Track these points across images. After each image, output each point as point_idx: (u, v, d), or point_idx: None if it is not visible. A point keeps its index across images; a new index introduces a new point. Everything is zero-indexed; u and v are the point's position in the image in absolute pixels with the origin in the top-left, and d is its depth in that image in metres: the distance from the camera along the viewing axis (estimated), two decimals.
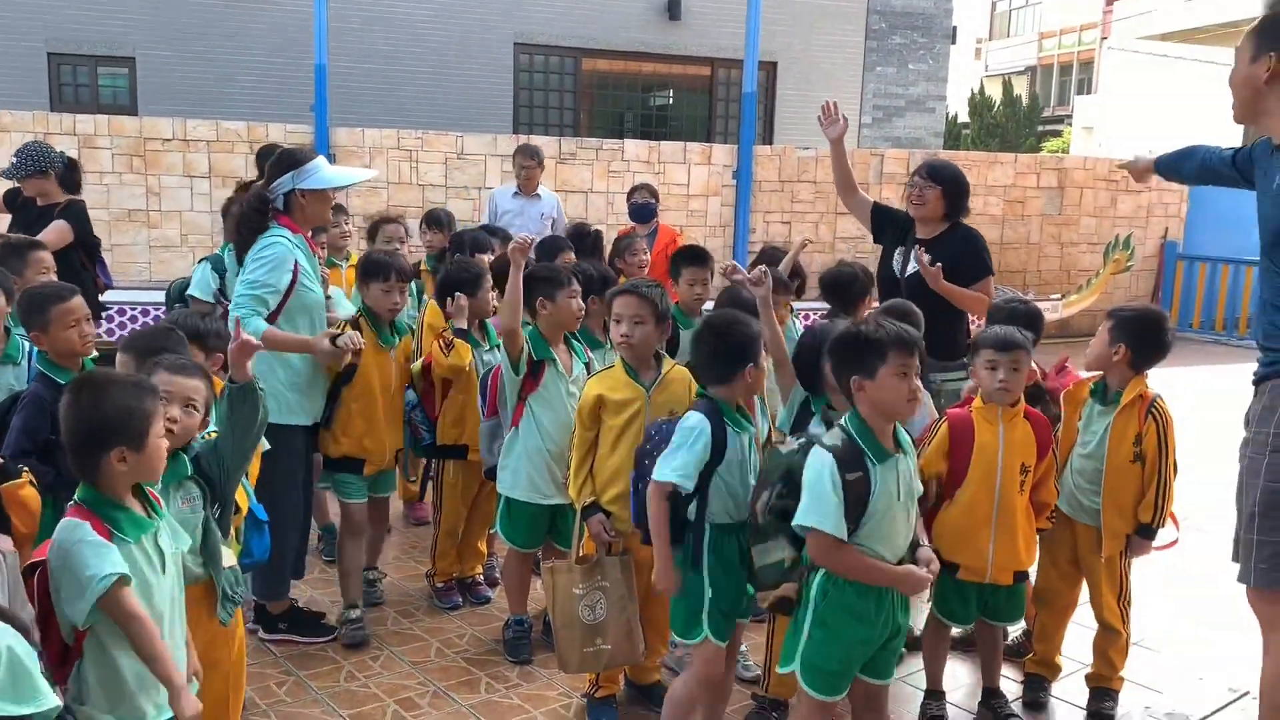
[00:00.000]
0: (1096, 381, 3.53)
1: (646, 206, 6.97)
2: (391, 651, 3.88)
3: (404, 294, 4.03)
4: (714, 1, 13.71)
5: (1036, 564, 3.62)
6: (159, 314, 6.92)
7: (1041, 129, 35.26)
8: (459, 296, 4.17)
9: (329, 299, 4.05)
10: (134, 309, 7.54)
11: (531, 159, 7.26)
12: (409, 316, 4.49)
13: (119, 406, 2.19)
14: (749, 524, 2.81)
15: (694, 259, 4.43)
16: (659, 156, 10.16)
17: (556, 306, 3.69)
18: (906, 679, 3.78)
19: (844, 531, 2.58)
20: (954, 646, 3.79)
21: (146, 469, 2.25)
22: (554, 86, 13.68)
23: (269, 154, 4.02)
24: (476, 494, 4.29)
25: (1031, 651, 3.75)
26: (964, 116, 33.73)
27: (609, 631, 3.25)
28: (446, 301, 4.21)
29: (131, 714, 2.19)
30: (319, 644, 3.90)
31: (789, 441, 2.84)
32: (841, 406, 2.91)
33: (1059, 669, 3.70)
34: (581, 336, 3.93)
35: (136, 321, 7.47)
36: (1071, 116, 37.90)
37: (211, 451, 2.65)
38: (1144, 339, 3.42)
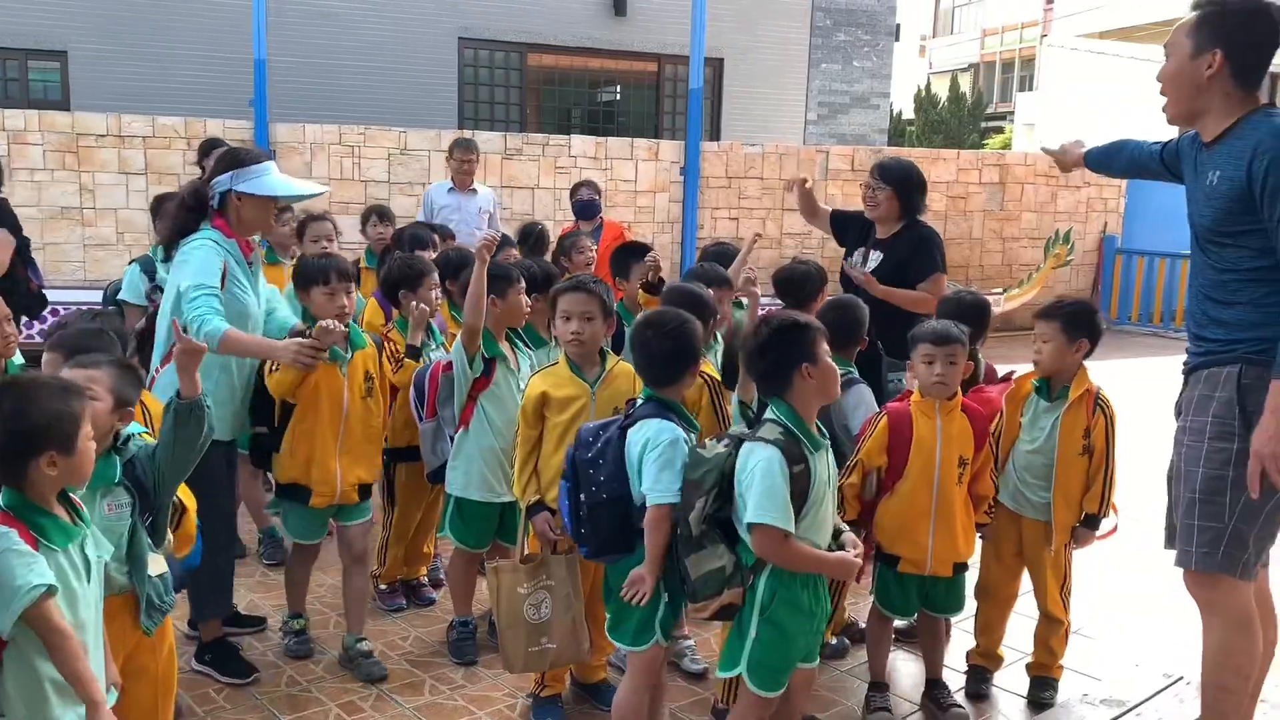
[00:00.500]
0: (1038, 378, 3.56)
1: (591, 203, 6.96)
2: (333, 655, 3.82)
3: (351, 295, 3.69)
4: None
5: (980, 559, 3.67)
6: None
7: (984, 126, 35.75)
8: (416, 307, 4.07)
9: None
10: (67, 310, 7.33)
11: (470, 152, 7.21)
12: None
13: (46, 410, 2.14)
14: (681, 534, 2.71)
15: (642, 255, 4.45)
16: (606, 153, 10.14)
17: (506, 304, 3.68)
18: (850, 671, 3.81)
19: (793, 524, 2.60)
20: (896, 639, 3.83)
21: (76, 473, 2.20)
22: (499, 82, 13.58)
23: (211, 148, 3.86)
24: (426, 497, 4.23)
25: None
26: (909, 113, 34.11)
27: (554, 631, 3.23)
28: (400, 298, 4.16)
29: None
30: (255, 648, 3.83)
31: (708, 444, 2.79)
32: (750, 399, 2.90)
33: (1001, 660, 3.74)
34: (526, 334, 3.91)
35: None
36: (1013, 113, 38.50)
37: (149, 459, 2.57)
38: (1095, 330, 3.49)
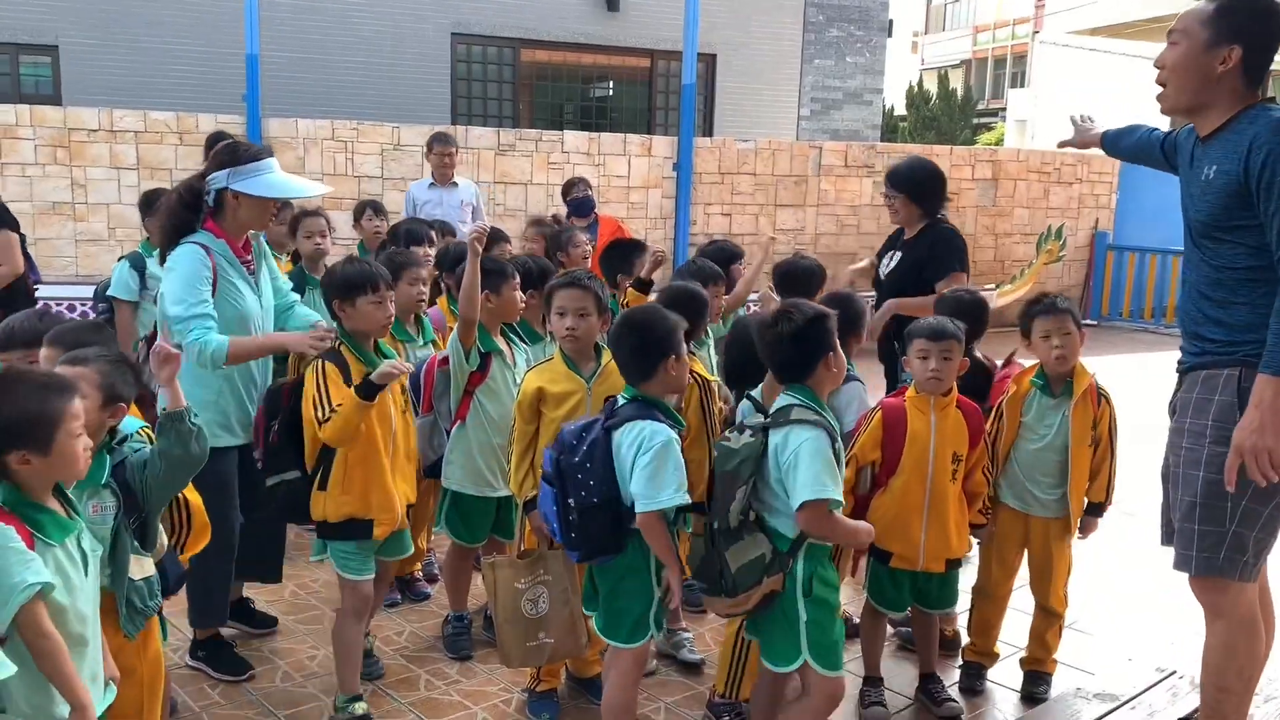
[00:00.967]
0: (1036, 375, 3.55)
1: (586, 200, 6.94)
2: (328, 651, 3.80)
3: (393, 300, 3.42)
4: None
5: (979, 561, 3.68)
6: (86, 310, 6.77)
7: (976, 122, 35.83)
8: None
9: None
10: (59, 305, 7.32)
11: (449, 145, 7.18)
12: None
13: (19, 409, 2.13)
14: (719, 528, 2.77)
15: (628, 254, 4.52)
16: (599, 148, 10.13)
17: (500, 299, 3.68)
18: (844, 667, 3.81)
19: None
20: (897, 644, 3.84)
21: (61, 470, 2.19)
22: (492, 77, 13.55)
23: (217, 143, 3.79)
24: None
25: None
26: (901, 109, 34.14)
27: (552, 625, 3.23)
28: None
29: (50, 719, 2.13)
30: (251, 644, 3.83)
31: (732, 436, 2.81)
32: (773, 394, 2.92)
33: (997, 656, 3.75)
34: (521, 330, 3.91)
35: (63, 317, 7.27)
36: (1005, 110, 38.58)
37: (141, 466, 2.54)
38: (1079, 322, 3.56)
